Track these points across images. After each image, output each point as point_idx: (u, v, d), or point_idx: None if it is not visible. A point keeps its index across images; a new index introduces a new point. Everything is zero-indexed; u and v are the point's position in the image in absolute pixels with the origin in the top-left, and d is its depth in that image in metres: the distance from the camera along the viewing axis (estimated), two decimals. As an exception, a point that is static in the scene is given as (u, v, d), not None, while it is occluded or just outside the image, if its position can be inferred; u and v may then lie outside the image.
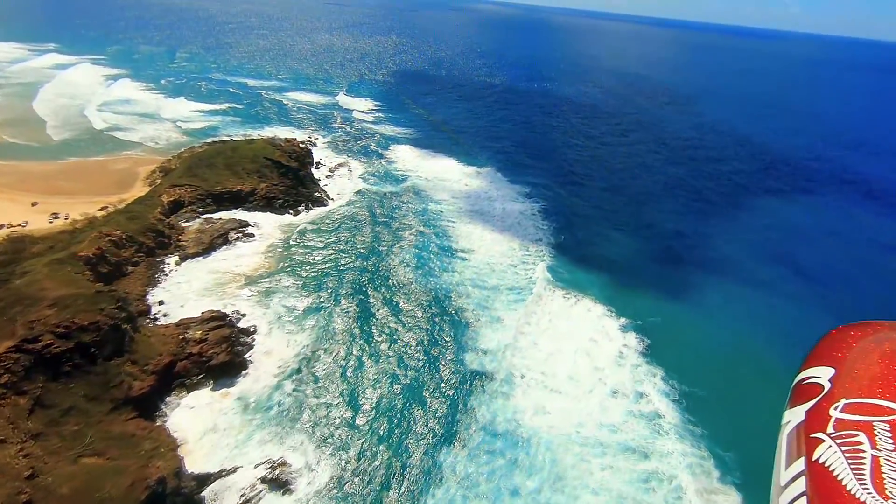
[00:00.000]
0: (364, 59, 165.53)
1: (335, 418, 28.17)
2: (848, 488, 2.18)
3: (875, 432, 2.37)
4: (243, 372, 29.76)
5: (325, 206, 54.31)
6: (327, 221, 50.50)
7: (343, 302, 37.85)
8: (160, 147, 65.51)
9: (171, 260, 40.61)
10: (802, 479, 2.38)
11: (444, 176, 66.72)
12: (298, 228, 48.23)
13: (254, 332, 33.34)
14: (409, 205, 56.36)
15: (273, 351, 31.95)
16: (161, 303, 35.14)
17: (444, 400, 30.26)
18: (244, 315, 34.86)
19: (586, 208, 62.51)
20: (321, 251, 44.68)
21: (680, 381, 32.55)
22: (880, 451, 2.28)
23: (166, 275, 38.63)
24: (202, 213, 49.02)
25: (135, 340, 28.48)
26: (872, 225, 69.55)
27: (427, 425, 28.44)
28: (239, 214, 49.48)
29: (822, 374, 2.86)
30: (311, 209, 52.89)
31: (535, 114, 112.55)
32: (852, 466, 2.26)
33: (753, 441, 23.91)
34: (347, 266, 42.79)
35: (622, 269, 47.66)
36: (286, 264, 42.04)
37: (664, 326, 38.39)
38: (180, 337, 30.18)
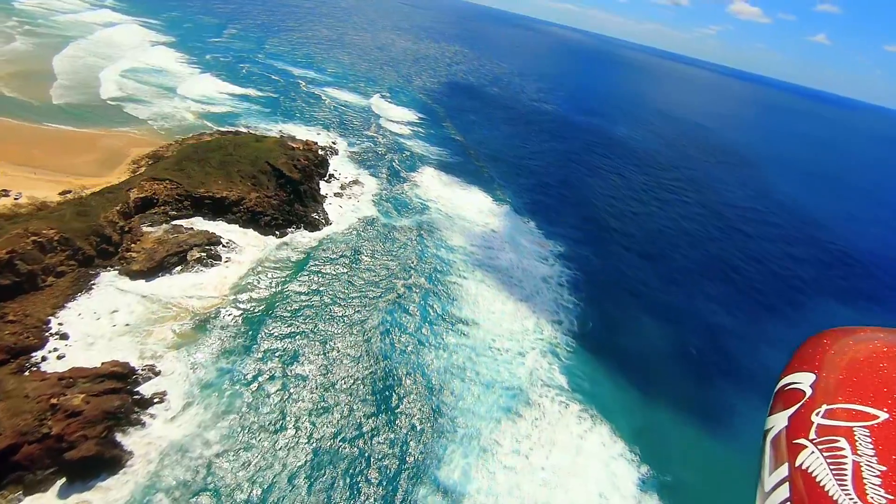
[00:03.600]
0: (417, 62, 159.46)
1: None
2: (830, 494, 2.22)
3: (856, 438, 2.39)
4: (115, 474, 21.89)
5: (318, 230, 46.65)
6: (314, 253, 42.71)
7: (293, 379, 29.69)
8: (166, 128, 59.58)
9: (108, 276, 33.52)
10: (786, 486, 2.41)
11: (466, 212, 58.32)
12: (276, 258, 40.58)
13: (157, 402, 25.56)
14: (417, 246, 48.12)
15: (171, 443, 24.00)
16: (64, 337, 27.87)
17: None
18: (158, 373, 27.18)
19: (619, 281, 52.93)
20: (294, 294, 36.78)
21: None
22: (861, 456, 2.30)
23: (90, 296, 31.49)
24: (174, 218, 42.06)
25: (-17, 402, 21.14)
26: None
27: None
28: (215, 226, 42.32)
29: (803, 380, 2.89)
30: (301, 233, 45.30)
31: (581, 151, 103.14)
32: (834, 472, 2.29)
33: None
34: (319, 322, 34.69)
35: (653, 383, 37.98)
36: (244, 306, 34.30)
37: (700, 491, 28.73)
38: (51, 401, 22.66)
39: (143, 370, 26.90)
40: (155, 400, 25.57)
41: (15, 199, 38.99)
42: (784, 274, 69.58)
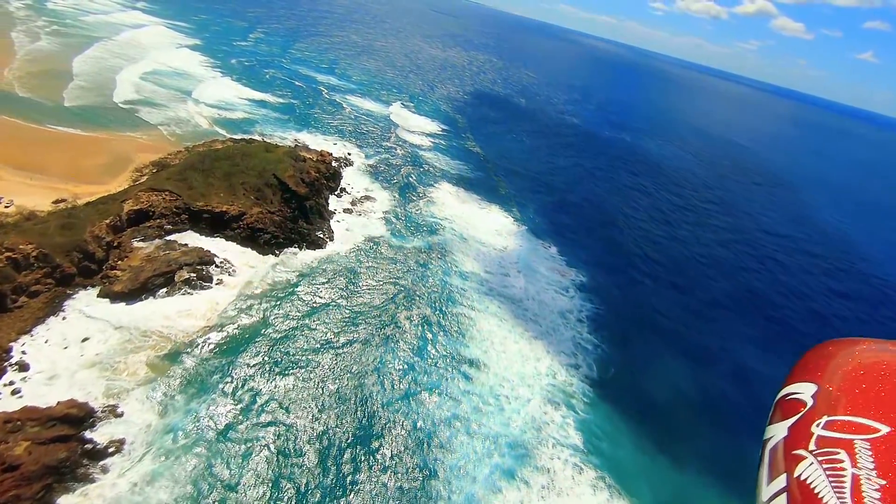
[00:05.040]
0: (444, 70, 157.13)
1: None
2: None
3: (856, 450, 2.37)
4: (45, 545, 19.00)
5: (321, 249, 43.73)
6: (313, 277, 39.68)
7: (270, 428, 26.48)
8: (178, 134, 57.87)
9: (86, 297, 31.11)
10: (784, 496, 2.40)
11: (482, 233, 54.72)
12: (271, 281, 37.65)
13: (112, 453, 22.65)
14: (426, 271, 44.73)
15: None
16: (23, 368, 25.33)
17: None
18: (120, 416, 24.35)
19: (646, 318, 48.46)
20: (284, 325, 33.70)
21: None
22: (860, 469, 2.27)
23: (63, 320, 29.03)
24: (170, 232, 39.70)
25: None
26: None
27: None
28: (212, 243, 39.76)
29: (804, 391, 2.89)
30: (302, 253, 42.43)
31: (608, 167, 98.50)
32: (833, 484, 2.26)
33: None
34: (307, 360, 31.52)
35: (682, 442, 33.50)
36: (228, 337, 31.38)
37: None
38: (-10, 452, 19.96)
39: (103, 412, 24.12)
40: (110, 450, 22.69)
41: (6, 206, 37.20)
42: (825, 312, 63.77)
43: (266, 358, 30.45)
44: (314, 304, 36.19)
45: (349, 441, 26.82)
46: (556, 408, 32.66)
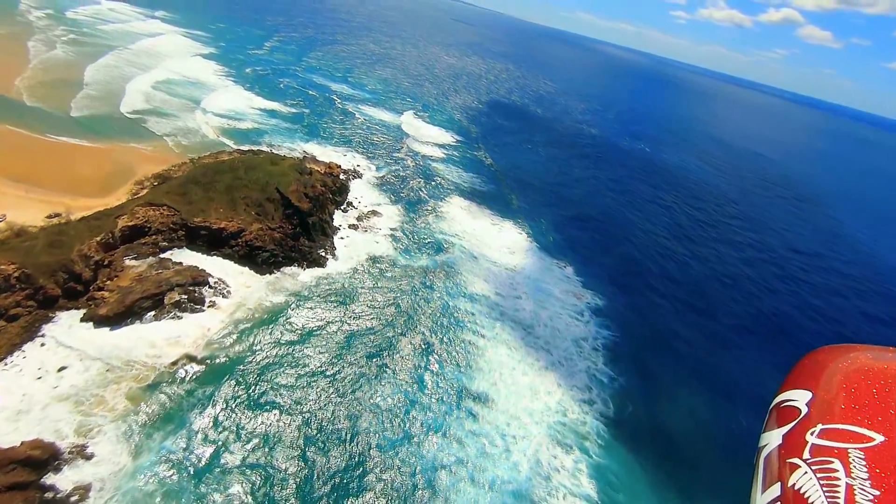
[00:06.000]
0: (459, 78, 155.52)
1: None
2: None
3: (850, 460, 2.38)
4: None
5: (322, 268, 41.73)
6: (312, 300, 37.60)
7: (251, 474, 24.27)
8: (183, 145, 56.76)
9: (68, 321, 29.47)
10: None
11: (493, 251, 52.24)
12: (267, 304, 35.66)
13: (76, 503, 20.70)
14: (432, 293, 42.39)
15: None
16: (-11, 404, 23.64)
17: None
18: (89, 458, 22.42)
19: (667, 345, 45.42)
20: (276, 354, 31.60)
21: None
22: (854, 479, 2.27)
23: (43, 346, 27.38)
24: (165, 249, 38.11)
25: None
26: None
27: None
28: (208, 262, 38.06)
29: (799, 398, 2.85)
30: (302, 272, 40.48)
31: (627, 179, 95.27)
32: (827, 494, 2.26)
33: None
34: (298, 394, 29.35)
35: (708, 492, 30.46)
36: (215, 367, 29.37)
37: None
38: (-63, 505, 18.14)
39: (71, 453, 22.23)
40: (73, 498, 20.74)
41: (-2, 221, 36.03)
42: (860, 339, 59.51)
43: (253, 391, 28.36)
44: (308, 330, 34.07)
45: (340, 488, 24.49)
46: (568, 451, 29.89)
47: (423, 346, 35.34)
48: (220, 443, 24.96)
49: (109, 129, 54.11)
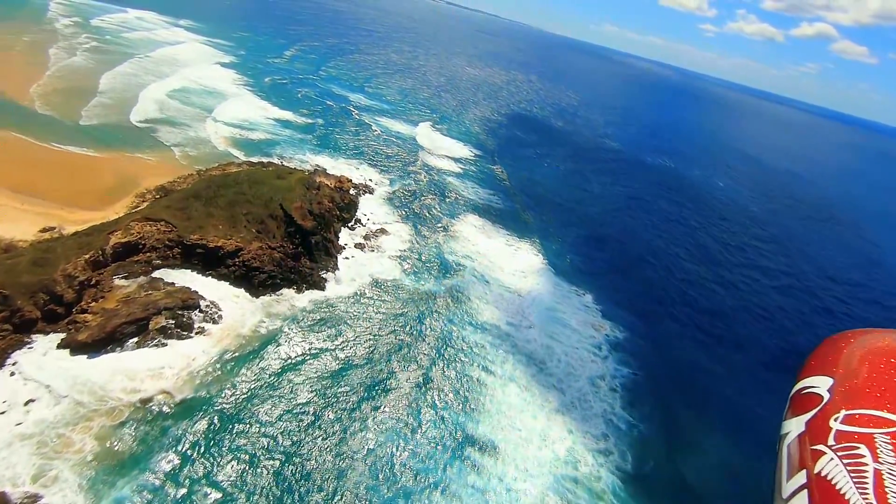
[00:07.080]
0: (479, 89, 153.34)
1: None
2: (851, 503, 2.13)
3: (876, 444, 2.32)
4: None
5: (322, 291, 39.39)
6: (308, 328, 35.20)
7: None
8: (191, 156, 55.43)
9: (44, 347, 27.58)
10: (805, 493, 2.34)
11: (507, 275, 49.32)
12: (260, 332, 33.39)
13: (18, 572, 18.43)
14: (438, 322, 39.62)
15: None
16: (-56, 443, 21.67)
17: None
18: (43, 514, 20.20)
19: (692, 384, 41.84)
20: (265, 388, 29.19)
21: None
22: (882, 464, 2.22)
23: (12, 375, 25.46)
24: (158, 268, 36.27)
25: None
26: None
27: None
28: (202, 282, 36.06)
29: (820, 384, 2.76)
30: (300, 296, 38.20)
31: (650, 196, 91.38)
32: (855, 480, 2.20)
33: None
34: (284, 440, 26.82)
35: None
36: (195, 404, 27.03)
37: None
38: None
39: (22, 506, 20.04)
40: (16, 564, 18.48)
41: (-12, 235, 34.64)
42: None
43: (235, 432, 25.93)
44: (299, 363, 31.61)
45: (318, 554, 21.81)
46: (581, 514, 26.67)
47: (423, 384, 32.57)
48: (185, 493, 22.52)
49: (116, 139, 53.09)
